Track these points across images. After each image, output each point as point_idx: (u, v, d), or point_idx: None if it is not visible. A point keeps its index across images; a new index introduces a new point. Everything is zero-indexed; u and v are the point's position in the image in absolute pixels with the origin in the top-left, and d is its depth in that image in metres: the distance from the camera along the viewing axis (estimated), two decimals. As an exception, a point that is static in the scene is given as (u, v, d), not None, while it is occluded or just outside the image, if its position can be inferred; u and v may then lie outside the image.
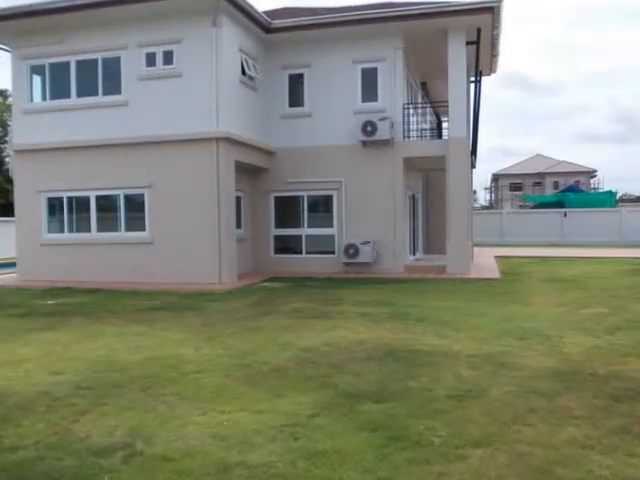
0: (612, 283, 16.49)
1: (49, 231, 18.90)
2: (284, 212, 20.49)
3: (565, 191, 52.92)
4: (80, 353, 8.60)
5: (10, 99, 31.88)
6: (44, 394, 6.58)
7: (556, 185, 78.43)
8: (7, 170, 42.86)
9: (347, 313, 11.74)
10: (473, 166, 23.61)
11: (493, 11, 17.69)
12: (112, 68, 17.87)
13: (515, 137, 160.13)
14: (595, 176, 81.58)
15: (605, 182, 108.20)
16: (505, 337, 9.22)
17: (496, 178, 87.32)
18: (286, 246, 20.47)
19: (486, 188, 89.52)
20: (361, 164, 19.32)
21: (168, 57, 17.34)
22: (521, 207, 63.21)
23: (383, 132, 18.71)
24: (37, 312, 12.64)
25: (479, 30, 18.40)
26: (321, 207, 20.44)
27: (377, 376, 7.12)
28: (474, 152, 21.48)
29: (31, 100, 19.04)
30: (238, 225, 18.62)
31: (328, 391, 6.55)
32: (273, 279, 18.10)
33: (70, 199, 18.65)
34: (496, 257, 25.41)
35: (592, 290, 15.00)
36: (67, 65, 18.30)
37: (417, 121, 21.57)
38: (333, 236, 19.83)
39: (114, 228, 18.17)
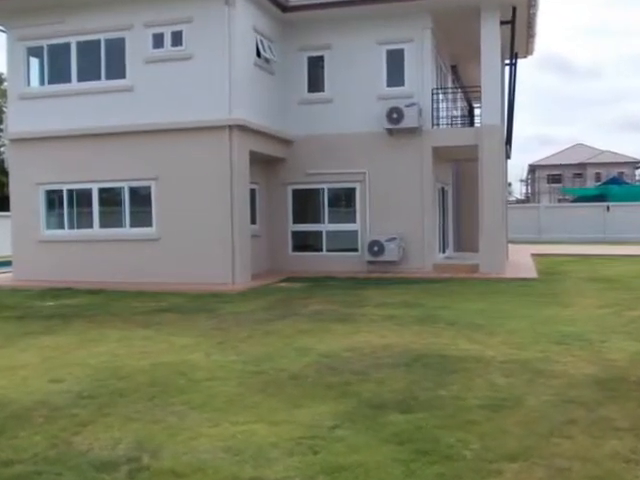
0: (660, 284, 16.39)
1: (48, 227, 18.98)
2: (303, 206, 20.49)
3: (608, 183, 52.61)
4: (81, 359, 8.65)
5: (5, 84, 32.07)
6: (42, 403, 6.62)
7: (598, 177, 78.02)
8: (2, 161, 43.22)
9: (371, 316, 11.73)
10: (508, 156, 23.51)
11: (530, -13, 17.60)
12: (116, 50, 17.89)
13: (554, 125, 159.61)
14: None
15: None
16: (543, 342, 9.18)
17: (533, 169, 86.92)
18: (305, 243, 20.48)
19: (522, 180, 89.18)
20: (386, 154, 19.24)
21: (177, 38, 17.35)
22: (560, 201, 62.98)
23: (410, 119, 18.61)
24: (35, 314, 12.74)
25: (514, 9, 18.27)
26: (343, 201, 20.44)
27: (404, 384, 7.11)
28: (509, 141, 21.36)
29: (28, 84, 19.13)
30: (252, 220, 18.63)
31: (350, 400, 6.54)
32: (290, 279, 18.11)
33: (70, 192, 18.72)
34: (533, 255, 25.27)
35: (637, 291, 14.91)
36: (67, 47, 18.34)
37: (447, 107, 21.47)
38: (356, 232, 19.79)
39: (118, 224, 18.23)
